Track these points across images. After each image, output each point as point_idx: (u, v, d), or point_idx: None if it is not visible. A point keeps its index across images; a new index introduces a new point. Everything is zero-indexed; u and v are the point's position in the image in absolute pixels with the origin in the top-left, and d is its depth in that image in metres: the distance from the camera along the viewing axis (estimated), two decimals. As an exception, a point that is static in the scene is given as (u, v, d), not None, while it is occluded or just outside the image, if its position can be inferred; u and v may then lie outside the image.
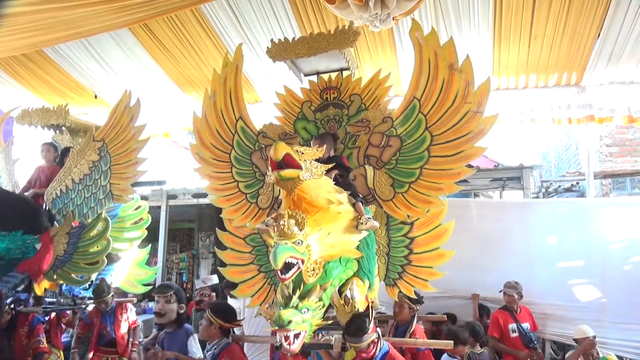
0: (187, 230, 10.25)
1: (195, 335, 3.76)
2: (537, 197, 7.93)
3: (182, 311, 3.82)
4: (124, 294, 5.03)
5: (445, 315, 4.49)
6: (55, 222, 4.47)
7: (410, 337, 3.74)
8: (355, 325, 2.67)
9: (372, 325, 2.69)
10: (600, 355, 3.98)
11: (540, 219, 5.04)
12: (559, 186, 8.13)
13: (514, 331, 4.45)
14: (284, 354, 3.06)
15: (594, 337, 4.05)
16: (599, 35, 4.71)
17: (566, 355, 4.38)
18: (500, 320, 4.48)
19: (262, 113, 3.60)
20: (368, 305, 2.83)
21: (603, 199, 7.03)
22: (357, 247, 2.85)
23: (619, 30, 4.61)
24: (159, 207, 7.71)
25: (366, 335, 2.65)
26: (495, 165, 7.18)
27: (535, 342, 4.56)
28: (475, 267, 4.79)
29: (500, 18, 4.61)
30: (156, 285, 5.04)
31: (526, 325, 4.52)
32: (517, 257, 4.91)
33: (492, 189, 6.88)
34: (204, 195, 7.52)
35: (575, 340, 4.19)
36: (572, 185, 7.79)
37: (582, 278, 4.75)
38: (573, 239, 4.91)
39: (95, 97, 6.43)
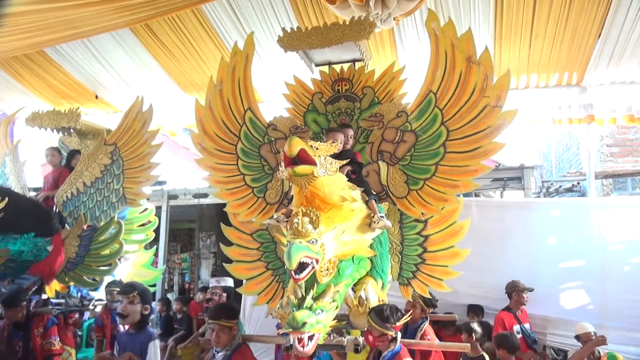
0: (188, 230, 10.27)
1: (157, 342, 3.53)
2: (538, 197, 7.92)
3: (146, 312, 3.61)
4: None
5: (455, 315, 4.45)
6: (65, 224, 4.50)
7: (421, 338, 3.67)
8: (390, 311, 2.61)
9: (399, 323, 2.63)
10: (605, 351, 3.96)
11: (541, 219, 5.03)
12: (560, 186, 8.14)
13: (518, 332, 4.40)
14: (288, 354, 3.02)
15: (595, 333, 4.04)
16: (599, 35, 4.71)
17: (568, 353, 4.37)
18: (506, 322, 4.43)
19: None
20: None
21: (604, 199, 7.01)
22: (370, 246, 2.77)
23: (620, 30, 4.60)
24: (159, 207, 7.70)
25: (387, 324, 2.58)
26: (496, 165, 7.17)
27: (537, 342, 4.56)
28: (475, 267, 4.77)
29: (501, 18, 4.61)
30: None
31: (527, 326, 4.52)
32: (517, 257, 4.90)
33: (493, 189, 6.87)
34: (205, 196, 7.52)
35: (576, 336, 4.17)
36: (573, 185, 7.79)
37: (583, 279, 4.74)
38: (574, 239, 4.90)
39: (96, 97, 6.43)
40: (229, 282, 4.96)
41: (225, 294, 4.93)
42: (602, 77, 5.34)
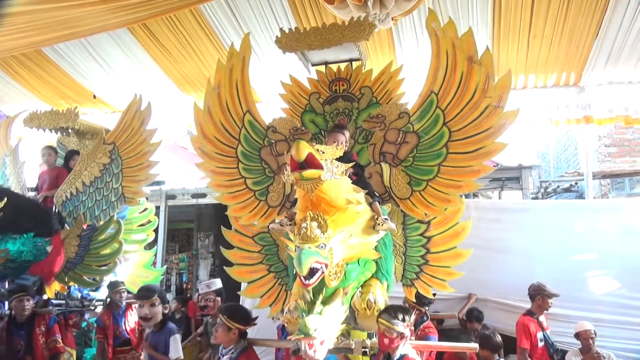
0: (186, 230, 10.22)
1: (177, 336, 3.71)
2: (536, 198, 7.94)
3: (166, 311, 3.80)
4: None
5: (455, 314, 4.42)
6: (65, 224, 4.49)
7: (422, 330, 3.70)
8: (401, 310, 2.58)
9: (411, 320, 2.61)
10: None
11: (539, 219, 5.03)
12: (558, 186, 8.14)
13: (541, 340, 4.11)
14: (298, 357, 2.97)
15: (595, 332, 4.03)
16: (597, 35, 4.72)
17: (567, 355, 4.37)
18: (531, 329, 4.07)
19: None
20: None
21: (602, 201, 7.03)
22: (375, 248, 2.76)
23: (617, 30, 4.62)
24: (158, 207, 7.67)
25: (402, 323, 2.52)
26: (494, 166, 7.18)
27: (558, 351, 4.26)
28: (475, 267, 4.77)
29: (499, 18, 4.62)
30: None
31: (549, 332, 4.22)
32: (516, 258, 4.90)
33: (491, 189, 6.87)
34: (203, 196, 7.50)
35: (576, 335, 4.14)
36: (570, 185, 7.80)
37: (581, 279, 4.74)
38: (572, 240, 4.90)
39: (94, 97, 6.42)
40: (218, 283, 4.93)
41: (219, 298, 4.90)
42: (599, 77, 5.36)
